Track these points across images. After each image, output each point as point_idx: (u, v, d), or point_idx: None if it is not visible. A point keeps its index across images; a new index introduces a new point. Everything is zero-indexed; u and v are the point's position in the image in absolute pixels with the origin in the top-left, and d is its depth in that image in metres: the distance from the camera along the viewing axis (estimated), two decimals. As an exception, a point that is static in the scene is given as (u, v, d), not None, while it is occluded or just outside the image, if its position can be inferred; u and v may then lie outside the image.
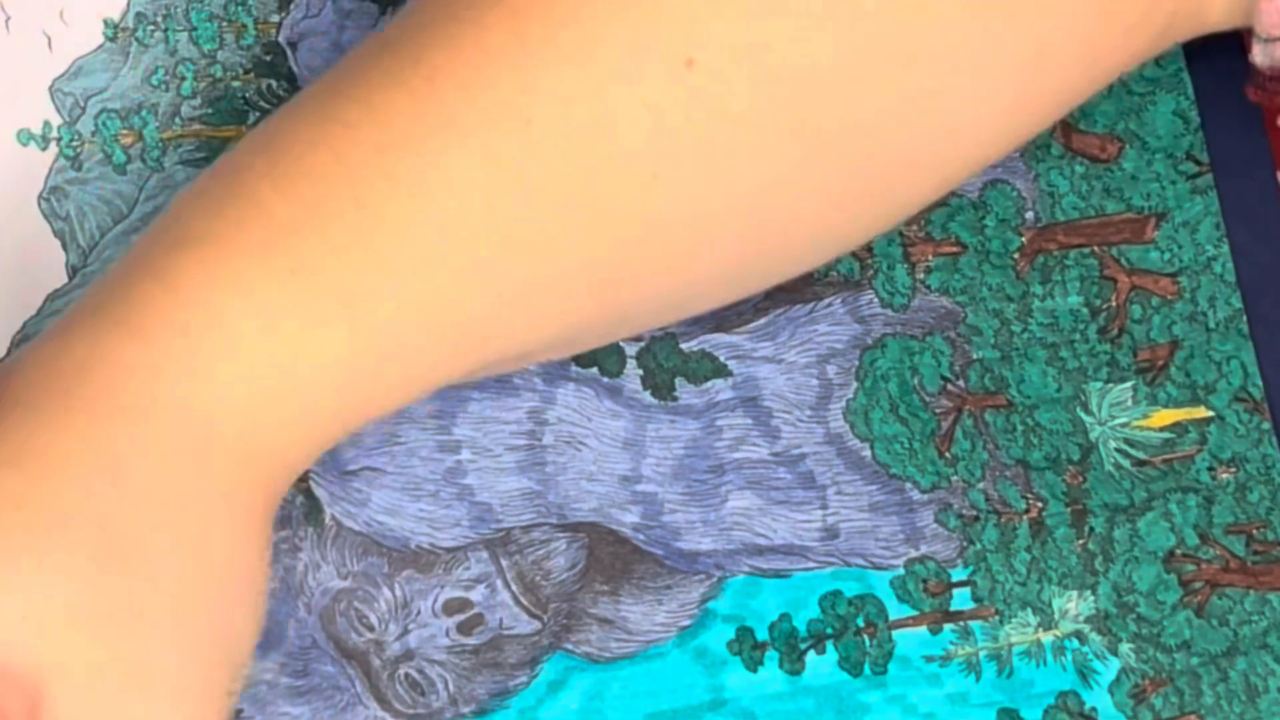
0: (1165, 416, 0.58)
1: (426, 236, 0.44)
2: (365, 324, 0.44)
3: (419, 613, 0.54)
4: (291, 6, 0.57)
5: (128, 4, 0.57)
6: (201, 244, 0.43)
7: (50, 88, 0.56)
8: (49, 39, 0.57)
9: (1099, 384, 0.57)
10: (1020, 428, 0.57)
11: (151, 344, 0.42)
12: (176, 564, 0.40)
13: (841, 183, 0.48)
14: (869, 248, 0.58)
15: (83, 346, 0.42)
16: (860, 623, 0.56)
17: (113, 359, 0.41)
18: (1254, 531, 0.57)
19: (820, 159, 0.47)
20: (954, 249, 0.58)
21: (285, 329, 0.43)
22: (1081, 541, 0.57)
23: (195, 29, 0.57)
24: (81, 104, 0.56)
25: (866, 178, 0.48)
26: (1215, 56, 0.59)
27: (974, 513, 0.57)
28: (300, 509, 0.54)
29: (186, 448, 0.41)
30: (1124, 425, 0.57)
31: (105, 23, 0.57)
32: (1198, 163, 0.59)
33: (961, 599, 0.56)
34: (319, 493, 0.50)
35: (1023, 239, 0.58)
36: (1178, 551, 0.57)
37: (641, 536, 0.56)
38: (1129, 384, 0.58)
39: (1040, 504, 0.57)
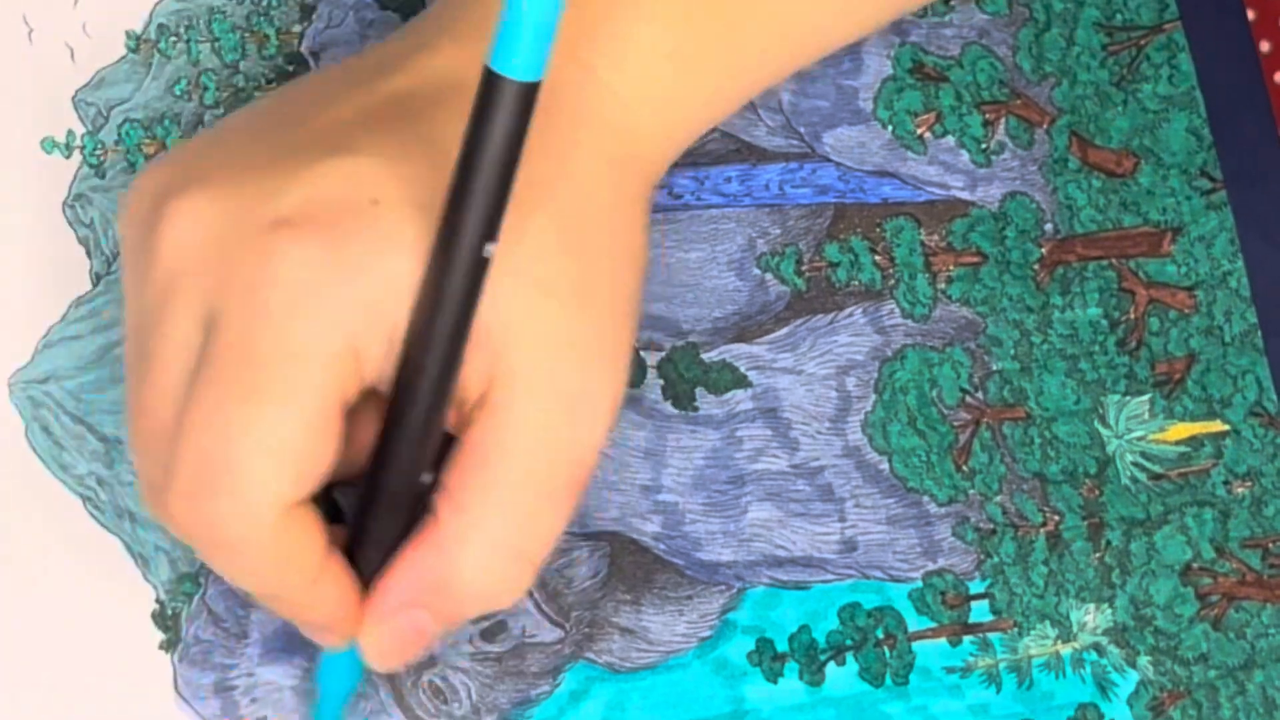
0: (1181, 430, 0.58)
1: None
2: (737, 41, 0.51)
3: (442, 620, 0.54)
4: (314, 17, 0.57)
5: (149, 15, 0.57)
6: None
7: (74, 98, 0.56)
8: (71, 50, 0.57)
9: (1117, 396, 0.58)
10: (1038, 440, 0.57)
11: (595, 75, 0.49)
12: (612, 252, 0.49)
13: None
14: (891, 257, 0.58)
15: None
16: (880, 634, 0.56)
17: (571, 85, 0.49)
18: (1270, 545, 0.57)
19: None
20: (975, 259, 0.58)
21: (683, 51, 0.50)
22: (1098, 555, 0.57)
23: (217, 39, 0.57)
24: (105, 114, 0.56)
25: None
26: (1228, 75, 0.60)
27: (991, 526, 0.57)
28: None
29: (617, 160, 0.49)
30: (1141, 439, 0.57)
31: (127, 34, 0.57)
32: (1211, 179, 0.59)
33: (980, 611, 0.56)
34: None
35: (1042, 250, 0.58)
36: (1194, 565, 0.57)
37: (663, 546, 0.56)
38: (1146, 397, 0.58)
39: (1057, 517, 0.57)
